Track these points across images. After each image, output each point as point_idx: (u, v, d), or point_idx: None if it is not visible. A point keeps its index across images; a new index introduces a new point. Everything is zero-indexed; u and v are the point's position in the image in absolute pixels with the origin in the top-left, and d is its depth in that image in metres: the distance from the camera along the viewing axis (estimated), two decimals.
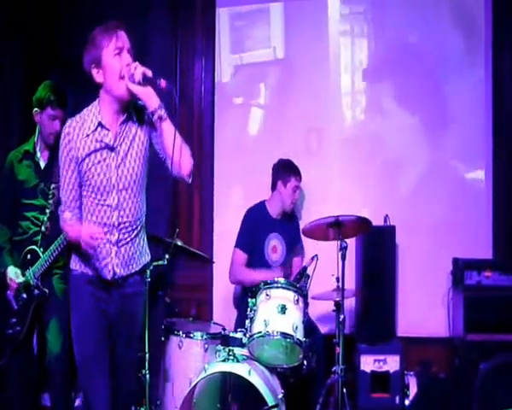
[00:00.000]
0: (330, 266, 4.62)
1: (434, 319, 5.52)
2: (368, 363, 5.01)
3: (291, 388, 4.55)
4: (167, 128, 3.36)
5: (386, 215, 5.40)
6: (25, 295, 4.41)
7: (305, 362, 4.44)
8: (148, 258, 3.68)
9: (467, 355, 5.09)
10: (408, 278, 5.54)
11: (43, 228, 4.45)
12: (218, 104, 5.89)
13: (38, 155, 4.52)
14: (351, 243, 4.86)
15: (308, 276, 4.74)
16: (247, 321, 4.45)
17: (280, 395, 4.30)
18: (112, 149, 3.40)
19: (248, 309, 4.51)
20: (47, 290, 4.40)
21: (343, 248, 4.50)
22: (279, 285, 4.52)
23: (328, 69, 5.83)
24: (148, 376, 4.44)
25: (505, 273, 5.17)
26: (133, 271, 3.55)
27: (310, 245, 5.27)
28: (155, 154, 3.54)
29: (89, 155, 3.39)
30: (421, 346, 5.45)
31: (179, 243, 4.68)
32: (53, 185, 4.42)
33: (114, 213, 3.44)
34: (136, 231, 3.52)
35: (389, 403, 4.97)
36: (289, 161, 5.36)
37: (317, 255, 4.73)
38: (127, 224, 3.47)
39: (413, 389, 5.08)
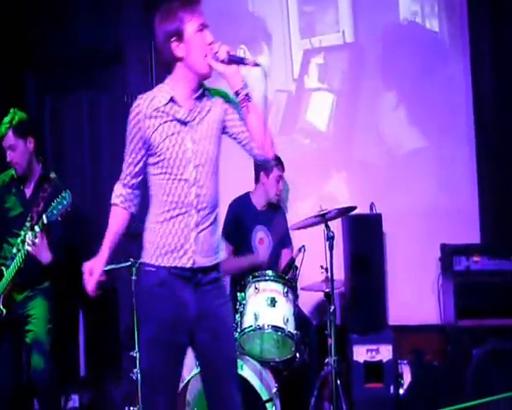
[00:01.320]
0: (318, 257, 4.65)
1: (425, 307, 5.56)
2: (360, 353, 5.00)
3: (285, 381, 4.55)
4: (253, 108, 3.22)
5: (372, 203, 5.40)
6: None
7: (297, 355, 4.46)
8: (221, 256, 3.36)
9: (459, 342, 5.11)
10: (397, 266, 5.58)
11: (14, 250, 4.45)
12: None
13: (25, 182, 4.60)
14: (337, 232, 4.88)
15: (296, 267, 4.77)
16: (237, 316, 4.45)
17: (274, 390, 4.31)
18: (185, 123, 3.21)
19: (237, 303, 4.52)
20: (4, 310, 4.40)
21: (330, 239, 4.52)
22: (267, 278, 4.54)
23: (400, 52, 5.82)
24: (139, 375, 4.42)
25: (494, 258, 5.17)
26: (212, 264, 3.25)
27: (296, 236, 5.27)
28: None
29: (159, 127, 3.19)
30: (413, 334, 5.46)
31: None
32: (34, 209, 4.48)
33: (192, 190, 3.18)
34: (214, 216, 3.25)
35: (383, 393, 4.95)
36: (277, 156, 5.33)
37: (304, 246, 4.76)
38: (205, 205, 3.20)
39: (407, 378, 5.10)
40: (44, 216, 4.25)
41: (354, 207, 4.70)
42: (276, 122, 5.90)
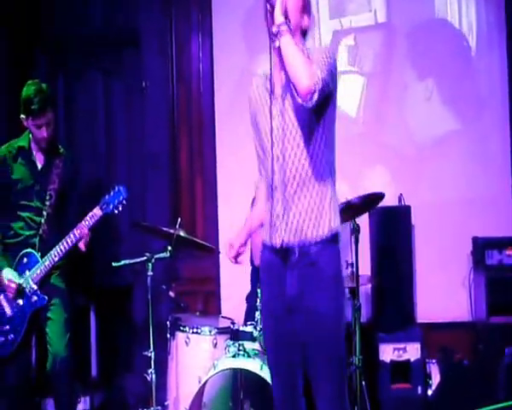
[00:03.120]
0: (343, 251, 4.57)
1: (455, 303, 5.44)
2: (387, 352, 4.93)
3: (306, 381, 4.50)
4: (283, 47, 3.01)
5: (401, 195, 5.31)
6: (21, 302, 4.37)
7: None
8: (334, 224, 3.12)
9: (491, 340, 5.02)
10: (426, 261, 5.45)
11: (40, 231, 4.43)
12: None
13: (34, 153, 4.51)
14: (364, 225, 4.80)
15: None
16: (257, 313, 4.39)
17: None
18: (273, 94, 3.15)
19: (258, 300, 4.47)
20: (46, 298, 4.37)
21: (355, 231, 4.46)
22: None
23: (434, 34, 5.69)
24: (154, 375, 4.40)
25: None
26: (309, 240, 3.08)
27: None
28: None
29: (257, 105, 3.22)
30: (442, 332, 5.36)
31: (182, 234, 4.60)
32: (50, 187, 4.44)
33: (281, 165, 3.10)
34: (308, 190, 3.09)
35: (411, 394, 4.89)
36: None
37: None
38: (292, 178, 3.10)
39: (436, 378, 5.02)
40: (98, 208, 4.32)
41: (381, 195, 4.61)
42: None
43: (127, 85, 5.94)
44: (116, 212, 4.35)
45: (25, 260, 4.41)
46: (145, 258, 4.59)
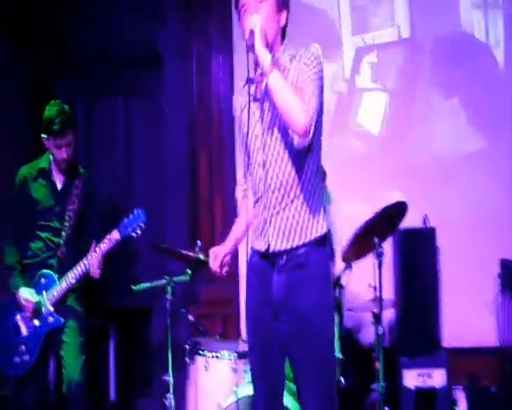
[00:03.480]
0: (366, 274, 4.50)
1: (482, 327, 5.32)
2: (411, 378, 4.85)
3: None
4: (271, 85, 2.97)
5: (425, 215, 5.24)
6: (37, 323, 4.35)
7: (342, 380, 4.31)
8: (322, 228, 3.10)
9: None
10: (451, 284, 5.32)
11: (58, 252, 4.43)
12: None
13: (54, 174, 4.53)
14: (387, 249, 4.70)
15: (342, 286, 4.63)
16: None
17: None
18: (256, 100, 3.13)
19: None
20: (62, 319, 4.35)
21: (379, 255, 4.38)
22: None
23: (459, 50, 5.61)
24: (173, 400, 4.34)
25: None
26: (296, 244, 3.07)
27: None
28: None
29: (242, 110, 3.20)
30: (468, 357, 5.26)
31: (202, 257, 4.55)
32: (70, 207, 4.46)
33: (264, 172, 3.09)
34: (294, 195, 3.07)
35: None
36: None
37: (350, 264, 4.62)
38: (279, 185, 3.07)
39: (462, 406, 4.94)
40: (117, 231, 4.31)
41: (404, 205, 4.52)
42: (325, 125, 5.74)
43: (147, 107, 5.97)
44: (134, 235, 4.32)
45: (42, 280, 4.41)
46: (164, 281, 4.55)
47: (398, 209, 4.49)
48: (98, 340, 5.26)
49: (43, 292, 4.37)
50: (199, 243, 4.57)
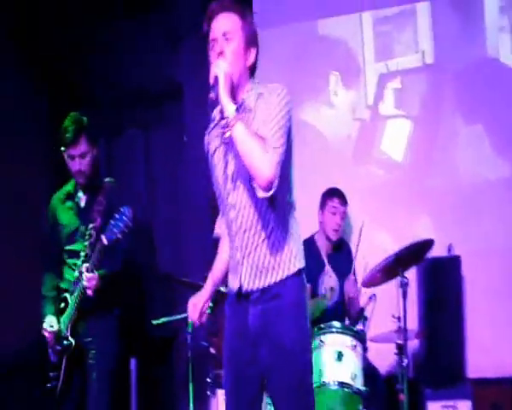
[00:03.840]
0: (389, 305, 4.48)
1: (508, 358, 5.21)
2: None
3: None
4: (235, 137, 3.01)
5: (450, 245, 5.21)
6: (58, 347, 4.32)
7: None
8: (296, 265, 3.10)
9: None
10: (476, 313, 5.26)
11: (76, 273, 4.32)
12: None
13: (79, 194, 4.43)
14: (411, 278, 4.67)
15: (366, 318, 4.61)
16: None
17: None
18: (226, 143, 3.13)
19: None
20: (73, 341, 4.27)
21: (404, 285, 4.37)
22: (334, 330, 4.37)
23: (484, 76, 5.55)
24: None
25: None
26: (268, 283, 3.08)
27: None
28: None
29: (214, 151, 3.21)
30: (494, 388, 5.16)
31: (222, 290, 4.54)
32: (90, 226, 4.28)
33: (235, 213, 3.10)
34: (265, 235, 3.07)
35: None
36: (330, 188, 5.19)
37: (374, 295, 4.61)
38: (249, 225, 3.08)
39: None
40: (104, 237, 4.12)
41: (430, 242, 4.51)
42: (347, 152, 5.76)
43: (168, 139, 5.96)
44: (121, 237, 4.11)
45: (61, 305, 4.37)
46: (185, 315, 4.51)
47: (426, 245, 4.48)
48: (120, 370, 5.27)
49: (62, 317, 4.33)
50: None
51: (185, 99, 5.78)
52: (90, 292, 4.20)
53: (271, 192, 2.94)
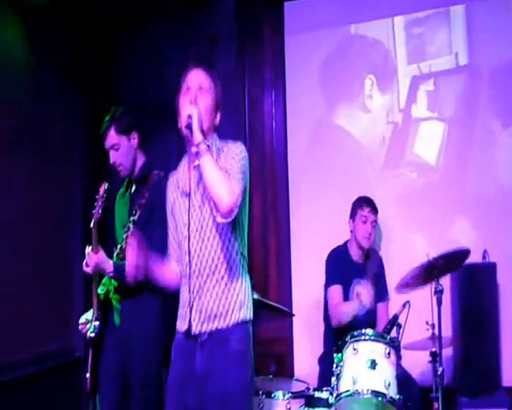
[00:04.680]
0: (423, 312, 4.43)
1: None
2: None
3: None
4: (203, 165, 3.27)
5: (485, 251, 5.15)
6: (89, 336, 4.25)
7: None
8: (243, 314, 3.37)
9: None
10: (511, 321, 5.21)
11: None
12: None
13: (134, 187, 4.38)
14: (445, 284, 4.63)
15: (400, 325, 4.55)
16: (333, 379, 4.25)
17: None
18: (186, 194, 3.43)
19: (334, 365, 4.34)
20: (95, 326, 4.19)
21: (438, 292, 4.32)
22: (367, 338, 4.31)
23: None
24: None
25: None
26: (216, 327, 3.32)
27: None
28: None
29: (173, 199, 3.54)
30: None
31: (256, 297, 4.53)
32: (130, 219, 4.22)
33: (189, 258, 3.36)
34: (217, 278, 3.33)
35: None
36: (360, 197, 5.23)
37: (408, 302, 4.54)
38: (202, 269, 3.34)
39: None
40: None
41: (466, 252, 4.46)
42: (380, 157, 5.72)
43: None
44: None
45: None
46: None
47: (462, 255, 4.44)
48: None
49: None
50: (252, 281, 4.56)
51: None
52: (87, 269, 4.11)
53: (230, 219, 3.23)
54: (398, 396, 4.20)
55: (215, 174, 3.21)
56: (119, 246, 4.23)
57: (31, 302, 5.11)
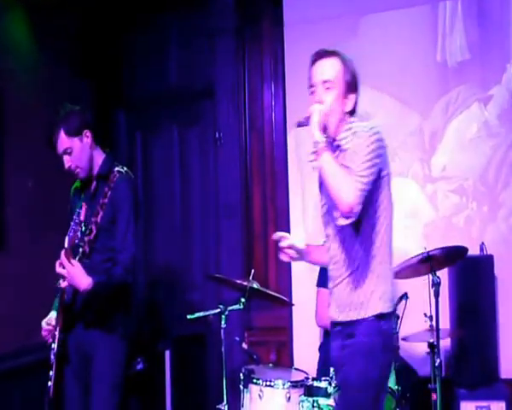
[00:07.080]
0: (421, 304, 4.50)
1: None
2: None
3: None
4: (321, 167, 3.17)
5: (482, 243, 5.17)
6: (52, 345, 4.12)
7: None
8: (381, 307, 3.25)
9: None
10: (510, 313, 5.22)
11: None
12: None
13: (94, 184, 4.19)
14: (443, 277, 4.66)
15: (398, 317, 4.61)
16: (332, 369, 4.34)
17: None
18: None
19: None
20: (57, 338, 4.03)
21: (436, 285, 4.39)
22: None
23: None
24: None
25: None
26: (351, 318, 3.27)
27: (398, 282, 5.06)
28: None
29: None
30: None
31: (255, 286, 4.61)
32: (92, 219, 3.98)
33: (328, 244, 3.37)
34: (351, 270, 3.25)
35: None
36: None
37: (406, 294, 4.60)
38: (337, 258, 3.30)
39: None
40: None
41: (464, 249, 4.55)
42: None
43: (201, 136, 6.09)
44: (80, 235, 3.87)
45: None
46: (218, 310, 4.59)
47: (459, 251, 4.53)
48: (155, 366, 5.32)
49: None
50: (252, 272, 4.65)
51: (218, 98, 5.92)
52: (62, 283, 3.93)
53: (350, 220, 3.09)
54: (396, 387, 4.27)
55: (333, 172, 3.09)
56: (80, 250, 3.96)
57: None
